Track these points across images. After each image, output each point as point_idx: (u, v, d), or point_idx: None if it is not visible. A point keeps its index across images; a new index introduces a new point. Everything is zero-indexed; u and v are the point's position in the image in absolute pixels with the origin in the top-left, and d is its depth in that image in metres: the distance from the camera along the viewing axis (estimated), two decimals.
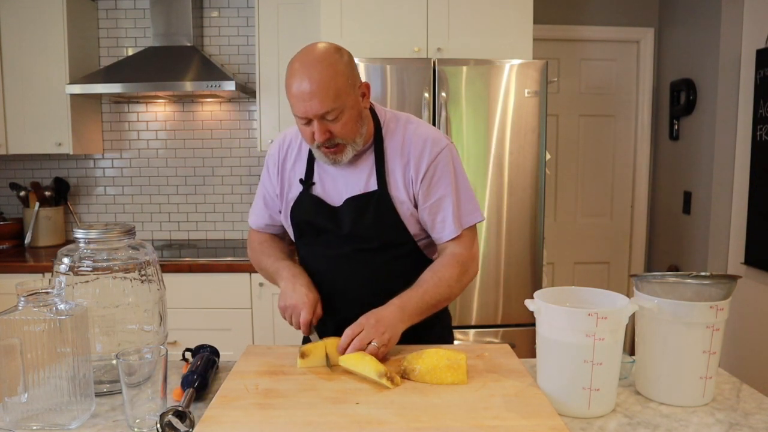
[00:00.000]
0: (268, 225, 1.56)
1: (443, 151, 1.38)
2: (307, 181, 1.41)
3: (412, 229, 1.39)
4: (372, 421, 0.97)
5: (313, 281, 1.43)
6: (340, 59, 1.26)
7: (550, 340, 1.07)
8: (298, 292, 1.33)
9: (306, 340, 1.33)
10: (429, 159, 1.36)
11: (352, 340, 1.20)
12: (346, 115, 1.27)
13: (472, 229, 1.42)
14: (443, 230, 1.38)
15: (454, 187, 1.38)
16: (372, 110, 1.41)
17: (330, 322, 1.41)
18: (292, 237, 1.51)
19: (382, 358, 1.20)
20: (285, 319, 1.36)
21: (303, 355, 1.21)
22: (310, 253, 1.46)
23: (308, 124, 1.27)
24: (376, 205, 1.36)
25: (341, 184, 1.39)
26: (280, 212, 1.50)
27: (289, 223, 1.46)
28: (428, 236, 1.43)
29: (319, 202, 1.39)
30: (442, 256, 1.41)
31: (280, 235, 1.59)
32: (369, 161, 1.39)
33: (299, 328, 1.32)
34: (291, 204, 1.44)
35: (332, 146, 1.30)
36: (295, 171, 1.44)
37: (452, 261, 1.37)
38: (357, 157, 1.38)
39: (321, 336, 1.39)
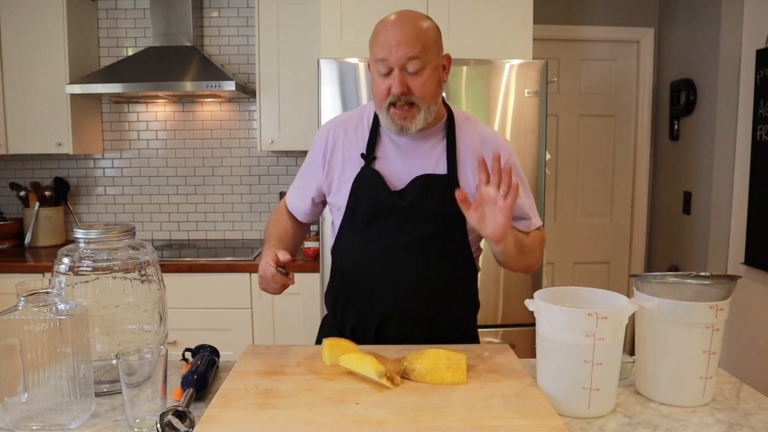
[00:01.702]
0: (295, 205, 1.55)
1: (513, 155, 1.43)
2: (369, 155, 1.38)
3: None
4: (372, 421, 0.97)
5: (354, 273, 1.41)
6: (431, 23, 1.32)
7: (550, 340, 1.07)
8: (260, 268, 1.31)
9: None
10: (504, 159, 1.35)
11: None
12: (427, 72, 1.28)
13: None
14: (526, 228, 1.43)
15: (525, 192, 1.43)
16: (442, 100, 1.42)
17: (370, 317, 1.40)
18: (338, 223, 1.46)
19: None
20: (275, 292, 1.31)
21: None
22: (359, 242, 1.41)
23: (387, 75, 1.27)
24: (444, 188, 1.34)
25: (406, 163, 1.37)
26: (313, 200, 1.50)
27: (343, 202, 1.41)
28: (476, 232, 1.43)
29: (381, 180, 1.36)
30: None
31: (298, 223, 1.58)
32: (439, 145, 1.38)
33: (280, 290, 1.29)
34: (348, 184, 1.39)
35: (405, 105, 1.28)
36: (352, 151, 1.41)
37: (540, 237, 1.46)
38: (427, 138, 1.38)
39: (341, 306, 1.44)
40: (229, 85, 2.73)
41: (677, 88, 3.11)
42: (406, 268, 1.37)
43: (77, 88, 2.80)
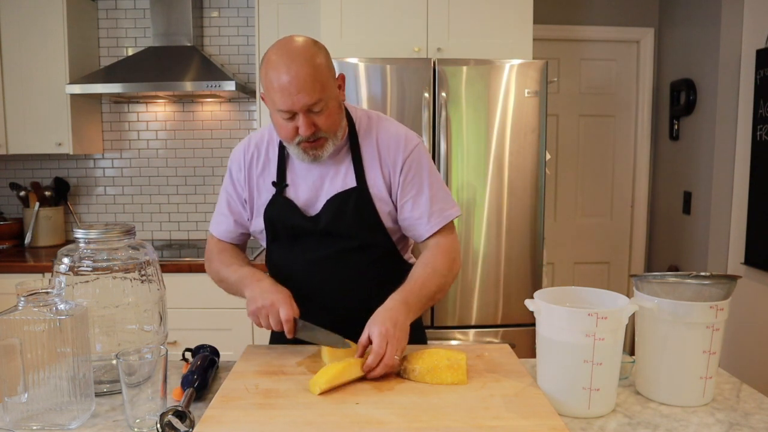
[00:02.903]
0: (230, 232, 1.50)
1: (416, 148, 1.40)
2: (280, 184, 1.39)
3: (388, 224, 1.40)
4: (372, 421, 0.97)
5: (287, 288, 1.39)
6: (318, 51, 1.27)
7: (550, 340, 1.07)
8: (269, 292, 1.26)
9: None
10: (404, 155, 1.38)
11: (381, 359, 1.14)
12: (330, 107, 1.27)
13: (452, 224, 1.43)
14: (424, 225, 1.38)
15: (429, 183, 1.40)
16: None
17: None
18: (263, 242, 1.47)
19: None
20: (260, 324, 1.26)
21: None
22: (285, 257, 1.43)
23: (291, 119, 1.26)
24: (356, 202, 1.36)
25: (317, 184, 1.38)
26: (248, 219, 1.48)
27: (262, 227, 1.43)
28: (401, 232, 1.44)
29: (294, 207, 1.38)
30: (428, 248, 1.40)
31: (240, 246, 1.55)
32: (345, 159, 1.39)
33: (279, 328, 1.23)
34: (263, 209, 1.41)
35: (314, 140, 1.29)
36: (265, 176, 1.42)
37: (441, 251, 1.38)
38: (334, 155, 1.37)
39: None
40: (229, 85, 2.73)
41: (677, 88, 3.11)
42: (333, 281, 1.39)
43: (77, 88, 2.80)
